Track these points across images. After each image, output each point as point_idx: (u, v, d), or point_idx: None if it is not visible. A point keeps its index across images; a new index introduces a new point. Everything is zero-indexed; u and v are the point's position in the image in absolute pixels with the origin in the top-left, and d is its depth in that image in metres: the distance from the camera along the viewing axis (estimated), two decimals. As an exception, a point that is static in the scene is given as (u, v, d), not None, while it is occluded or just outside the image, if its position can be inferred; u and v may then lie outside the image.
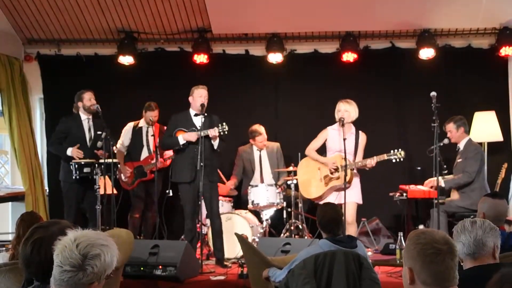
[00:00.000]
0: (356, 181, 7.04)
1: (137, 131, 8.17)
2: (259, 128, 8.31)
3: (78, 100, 7.48)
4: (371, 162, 6.86)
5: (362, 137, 7.10)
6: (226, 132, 6.91)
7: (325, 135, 7.16)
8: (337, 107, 7.02)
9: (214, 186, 7.16)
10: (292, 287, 4.11)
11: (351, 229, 6.87)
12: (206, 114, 6.99)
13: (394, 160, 6.87)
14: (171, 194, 7.49)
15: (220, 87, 8.63)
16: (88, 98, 7.44)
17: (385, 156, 6.85)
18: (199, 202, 6.90)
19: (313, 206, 7.58)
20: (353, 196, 6.94)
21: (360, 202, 7.06)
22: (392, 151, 6.83)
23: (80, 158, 7.23)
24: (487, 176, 7.56)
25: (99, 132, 7.26)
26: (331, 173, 6.99)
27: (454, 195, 7.36)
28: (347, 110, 6.96)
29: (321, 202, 6.77)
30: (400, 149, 6.82)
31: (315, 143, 7.21)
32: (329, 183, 7.02)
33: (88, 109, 7.42)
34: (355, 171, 6.98)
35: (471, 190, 7.18)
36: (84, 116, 7.50)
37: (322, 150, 7.24)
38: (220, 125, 6.91)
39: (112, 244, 2.43)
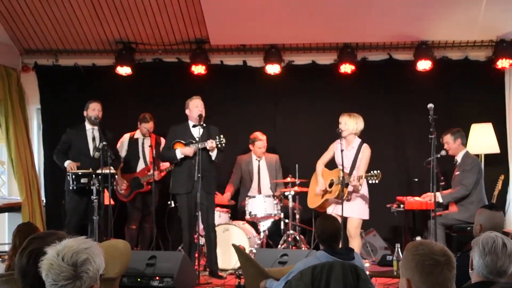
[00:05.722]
0: (360, 196, 6.87)
1: (133, 142, 8.17)
2: (260, 134, 8.34)
3: (85, 109, 7.53)
4: (356, 183, 6.64)
5: (364, 150, 6.88)
6: (223, 144, 6.93)
7: (333, 148, 7.04)
8: (340, 120, 6.98)
9: (211, 197, 7.17)
10: (290, 299, 4.10)
11: (355, 244, 6.75)
12: (204, 125, 7.00)
13: (370, 181, 6.62)
14: (173, 205, 7.45)
15: (218, 98, 8.65)
16: (92, 108, 7.48)
17: (363, 175, 6.67)
18: (197, 213, 6.89)
19: (311, 218, 7.58)
20: (355, 211, 6.81)
21: (365, 217, 6.91)
22: (371, 172, 6.59)
23: (78, 169, 7.23)
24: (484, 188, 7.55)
25: (104, 143, 7.24)
26: (329, 187, 6.97)
27: (453, 208, 7.35)
28: (346, 123, 6.91)
29: (327, 212, 6.80)
30: (378, 171, 6.52)
31: (325, 157, 7.11)
32: (324, 196, 7.01)
33: (90, 118, 7.45)
34: (350, 188, 6.81)
35: (469, 203, 7.17)
36: (88, 126, 7.52)
37: (333, 163, 7.16)
38: (217, 137, 6.93)
39: (94, 244, 2.45)
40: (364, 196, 6.89)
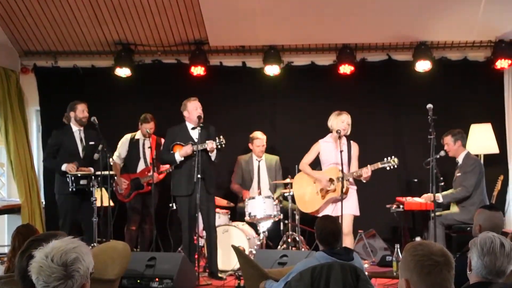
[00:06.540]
0: (353, 192, 7.01)
1: (133, 143, 8.16)
2: (260, 133, 8.35)
3: (71, 110, 7.49)
4: (367, 171, 6.82)
5: (354, 147, 7.08)
6: (223, 145, 6.94)
7: (317, 149, 7.16)
8: (337, 118, 6.99)
9: (212, 198, 7.18)
10: (289, 300, 4.09)
11: (348, 241, 6.82)
12: (202, 125, 6.99)
13: (388, 168, 6.83)
14: (174, 207, 7.45)
15: (217, 99, 8.66)
16: (81, 110, 7.46)
17: (379, 164, 6.82)
18: (197, 214, 6.89)
19: (310, 218, 7.56)
20: (349, 208, 6.87)
21: (357, 213, 7.01)
22: (385, 159, 6.81)
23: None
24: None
25: (91, 143, 7.28)
26: (328, 185, 6.98)
27: (454, 208, 7.35)
28: (349, 123, 6.98)
29: (319, 215, 6.78)
30: (393, 156, 6.80)
31: (308, 157, 7.19)
32: (326, 196, 7.00)
33: (80, 120, 7.44)
34: (351, 179, 6.96)
35: (470, 204, 7.16)
36: (75, 128, 7.50)
37: (316, 163, 7.23)
38: (217, 138, 6.93)
39: (81, 243, 2.46)
40: (355, 193, 7.04)
